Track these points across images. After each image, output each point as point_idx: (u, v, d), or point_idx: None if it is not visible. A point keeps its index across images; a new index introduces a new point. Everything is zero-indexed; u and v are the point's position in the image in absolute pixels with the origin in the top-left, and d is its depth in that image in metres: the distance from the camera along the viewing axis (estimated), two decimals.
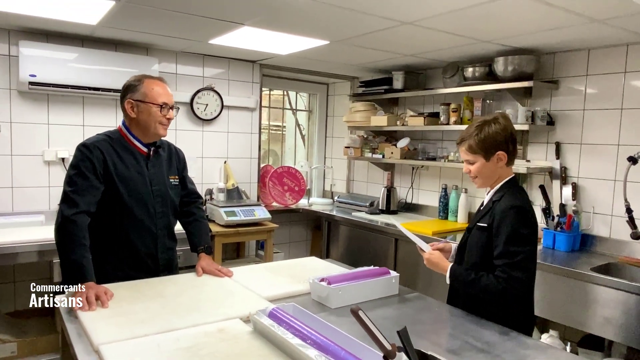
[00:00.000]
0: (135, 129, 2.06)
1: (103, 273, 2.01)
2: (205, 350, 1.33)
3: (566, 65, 3.11)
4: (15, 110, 3.16)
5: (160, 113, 2.01)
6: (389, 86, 4.02)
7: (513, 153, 1.82)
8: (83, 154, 1.95)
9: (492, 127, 1.76)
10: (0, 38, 3.07)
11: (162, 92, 2.03)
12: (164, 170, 2.16)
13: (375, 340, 1.07)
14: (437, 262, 1.85)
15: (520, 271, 1.66)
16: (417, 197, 4.18)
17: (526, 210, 1.74)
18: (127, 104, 2.02)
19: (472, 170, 1.83)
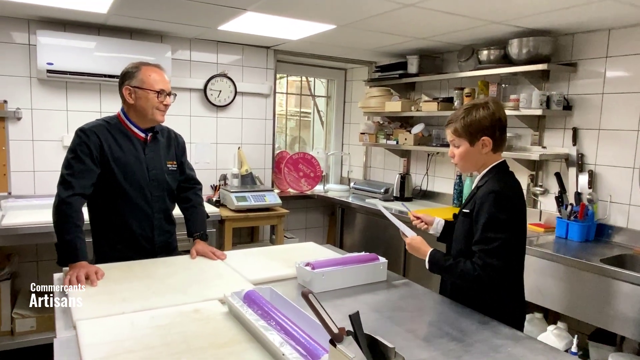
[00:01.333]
0: (133, 115, 2.11)
1: (101, 253, 2.10)
2: (176, 329, 1.37)
3: (585, 46, 2.96)
4: (36, 97, 3.30)
5: (157, 99, 2.05)
6: (404, 71, 3.94)
7: (500, 140, 1.75)
8: (80, 138, 2.01)
9: (479, 112, 1.71)
10: (20, 27, 3.20)
11: (159, 78, 2.06)
12: (161, 155, 2.20)
13: (324, 324, 1.07)
14: (418, 247, 1.82)
15: (496, 258, 1.60)
16: (432, 184, 4.10)
17: (505, 195, 1.67)
18: (125, 90, 2.06)
19: (456, 153, 1.78)
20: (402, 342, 1.39)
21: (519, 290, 1.80)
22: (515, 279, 1.79)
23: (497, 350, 1.35)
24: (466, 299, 1.72)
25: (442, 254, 1.77)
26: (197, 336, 1.33)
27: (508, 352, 1.35)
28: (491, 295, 1.69)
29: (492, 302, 1.70)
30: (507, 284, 1.73)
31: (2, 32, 3.16)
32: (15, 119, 3.24)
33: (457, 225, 1.85)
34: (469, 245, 1.71)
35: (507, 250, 1.63)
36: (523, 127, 3.29)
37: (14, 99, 3.23)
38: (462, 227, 1.78)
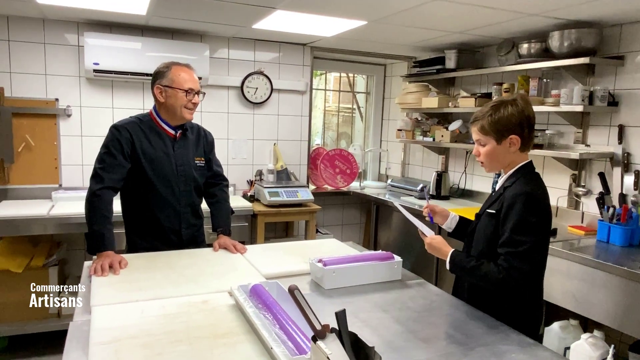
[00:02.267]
0: (164, 113, 2.20)
1: (132, 243, 2.22)
2: (181, 318, 1.43)
3: (634, 38, 2.76)
4: (84, 95, 3.52)
5: (185, 98, 2.13)
6: (442, 66, 3.85)
7: (528, 139, 1.69)
8: (113, 134, 2.13)
9: (508, 109, 1.64)
10: (70, 30, 3.42)
11: (188, 78, 2.14)
12: (189, 152, 2.28)
13: (307, 320, 1.08)
14: (439, 247, 1.77)
15: (523, 262, 1.55)
16: (470, 182, 3.99)
17: (536, 197, 1.61)
18: (156, 90, 2.16)
19: (482, 152, 1.72)
20: (401, 342, 1.37)
21: (538, 294, 1.73)
22: (536, 284, 1.72)
23: (500, 356, 1.31)
24: (483, 301, 1.67)
25: (464, 255, 1.73)
26: (198, 326, 1.38)
27: (511, 358, 1.30)
28: (512, 298, 1.64)
29: (509, 305, 1.65)
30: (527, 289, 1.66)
31: (54, 34, 3.39)
32: (66, 116, 3.47)
33: (479, 226, 1.78)
34: (492, 246, 1.66)
35: (535, 254, 1.58)
36: (565, 124, 3.13)
37: (64, 97, 3.46)
38: (485, 228, 1.72)
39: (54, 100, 3.44)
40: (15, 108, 3.32)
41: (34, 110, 3.39)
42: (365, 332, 1.42)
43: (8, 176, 3.37)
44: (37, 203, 3.30)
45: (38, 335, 3.07)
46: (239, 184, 4.04)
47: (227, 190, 2.48)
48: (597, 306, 2.36)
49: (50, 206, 3.22)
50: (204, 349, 1.25)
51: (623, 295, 2.24)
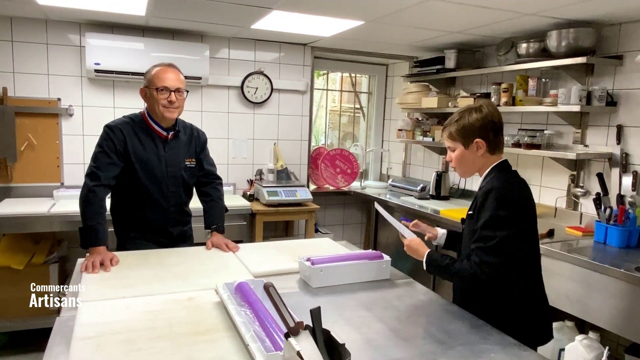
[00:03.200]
0: (152, 113, 2.22)
1: (122, 241, 2.26)
2: (165, 315, 1.45)
3: (633, 37, 2.74)
4: (86, 95, 3.56)
5: (160, 96, 2.14)
6: (442, 65, 3.84)
7: (495, 142, 1.72)
8: (107, 134, 2.16)
9: (472, 115, 1.70)
10: (72, 30, 3.47)
11: (164, 76, 2.15)
12: (180, 153, 2.31)
13: (281, 317, 1.09)
14: (416, 248, 1.81)
15: (493, 255, 1.56)
16: (470, 183, 3.98)
17: (506, 192, 1.62)
18: (141, 92, 2.21)
19: (453, 158, 1.77)
20: (381, 340, 1.38)
21: (540, 295, 1.74)
22: (534, 283, 1.73)
23: (479, 356, 1.31)
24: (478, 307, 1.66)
25: (439, 255, 1.75)
26: (181, 322, 1.40)
27: (490, 358, 1.30)
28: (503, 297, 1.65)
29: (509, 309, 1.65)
30: (526, 290, 1.67)
31: (56, 35, 3.43)
32: (68, 115, 3.52)
33: (464, 229, 1.82)
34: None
35: (507, 247, 1.58)
36: (564, 125, 3.11)
37: (66, 96, 3.51)
38: (467, 230, 1.76)
39: (56, 100, 3.49)
40: (18, 107, 3.37)
41: (37, 109, 3.44)
42: (347, 330, 1.43)
43: (11, 174, 3.43)
44: (39, 201, 3.35)
45: (38, 331, 3.11)
46: (239, 184, 4.07)
47: (220, 189, 2.50)
48: (593, 308, 2.34)
49: (52, 204, 3.27)
50: (184, 345, 1.27)
51: (619, 298, 2.22)
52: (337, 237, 4.63)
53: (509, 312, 1.65)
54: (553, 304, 2.46)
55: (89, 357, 1.19)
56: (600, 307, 2.30)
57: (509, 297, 1.66)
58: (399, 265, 2.10)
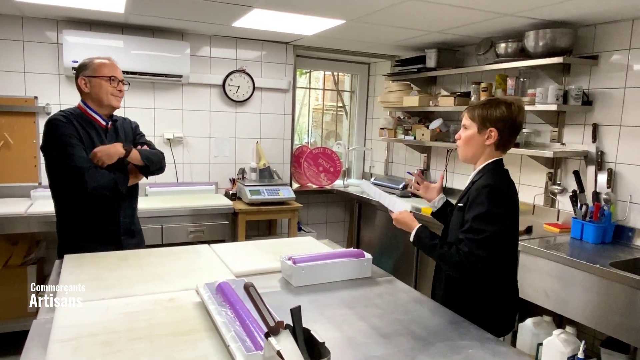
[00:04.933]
0: (92, 103, 2.23)
1: (67, 243, 2.24)
2: (145, 316, 1.44)
3: (607, 38, 2.80)
4: (64, 93, 3.50)
5: (110, 85, 2.18)
6: (423, 65, 3.87)
7: (507, 140, 1.77)
8: (62, 124, 2.11)
9: (500, 107, 1.73)
10: (49, 27, 3.40)
11: (110, 67, 2.21)
12: (121, 142, 2.28)
13: (261, 317, 1.09)
14: (405, 221, 1.84)
15: (482, 249, 1.61)
16: (451, 180, 4.02)
17: (500, 189, 1.69)
18: (80, 81, 2.20)
19: (463, 136, 1.81)
20: (361, 338, 1.39)
21: (512, 289, 1.80)
22: (508, 277, 1.78)
23: (457, 352, 1.33)
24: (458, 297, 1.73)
25: (430, 232, 1.78)
26: (161, 323, 1.39)
27: (468, 353, 1.33)
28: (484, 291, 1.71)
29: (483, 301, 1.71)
30: (500, 282, 1.73)
31: (33, 32, 3.36)
32: (45, 114, 3.45)
33: (452, 219, 1.85)
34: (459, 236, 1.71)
35: (494, 243, 1.64)
36: (542, 123, 3.17)
37: (43, 95, 3.44)
38: (456, 221, 1.79)
39: (33, 98, 3.42)
40: None
41: (13, 108, 3.37)
42: (328, 328, 1.44)
43: None
44: (15, 201, 3.29)
45: (15, 334, 3.05)
46: (221, 183, 4.05)
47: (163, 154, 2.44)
48: (570, 303, 2.39)
49: (29, 204, 3.21)
50: (164, 346, 1.26)
51: (595, 293, 2.27)
52: (320, 236, 4.65)
53: (484, 304, 1.71)
54: (531, 300, 2.53)
55: (67, 359, 1.18)
56: (576, 302, 2.35)
57: (486, 289, 1.72)
58: (381, 263, 2.12)
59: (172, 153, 3.82)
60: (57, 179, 2.21)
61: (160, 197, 3.67)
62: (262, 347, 1.19)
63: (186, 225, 3.40)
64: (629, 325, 2.13)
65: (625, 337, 2.18)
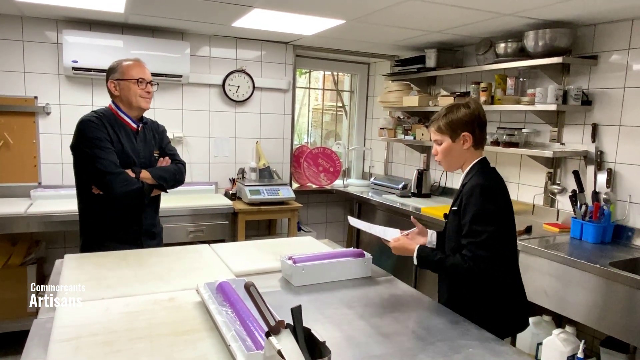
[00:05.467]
0: (122, 106, 2.25)
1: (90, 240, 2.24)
2: (145, 315, 1.44)
3: (607, 38, 2.81)
4: (63, 93, 3.50)
5: (138, 87, 2.20)
6: (422, 65, 3.87)
7: (480, 137, 1.79)
8: (93, 124, 2.14)
9: (461, 110, 1.76)
10: (49, 27, 3.40)
11: (138, 69, 2.23)
12: (149, 144, 2.33)
13: (262, 316, 1.09)
14: (403, 247, 1.83)
15: (485, 250, 1.62)
16: (450, 180, 4.03)
17: (491, 187, 1.70)
18: (110, 85, 2.23)
19: (439, 150, 1.82)
20: (362, 337, 1.39)
21: (517, 287, 1.80)
22: (512, 276, 1.78)
23: (457, 351, 1.33)
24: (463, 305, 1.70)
25: (430, 249, 1.79)
26: (161, 323, 1.39)
27: (468, 353, 1.33)
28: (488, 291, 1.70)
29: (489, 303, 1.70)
30: (504, 281, 1.72)
31: (33, 32, 3.36)
32: (45, 114, 3.46)
33: (447, 225, 1.86)
34: (460, 242, 1.71)
35: (496, 241, 1.65)
36: (541, 123, 3.17)
37: (43, 95, 3.44)
38: (452, 225, 1.79)
39: (32, 98, 3.42)
40: None
41: (13, 108, 3.37)
42: (328, 328, 1.44)
43: None
44: (15, 201, 3.28)
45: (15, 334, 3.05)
46: (221, 183, 4.05)
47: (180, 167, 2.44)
48: (570, 303, 2.40)
49: (29, 204, 3.21)
50: (164, 346, 1.26)
51: (594, 292, 2.28)
52: (320, 236, 4.64)
53: (494, 304, 1.71)
54: (531, 299, 2.51)
55: (67, 359, 1.18)
56: (576, 302, 2.36)
57: (490, 290, 1.71)
58: (381, 263, 2.12)
59: None
60: (84, 179, 2.20)
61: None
62: (263, 346, 1.19)
63: (186, 225, 3.40)
64: (629, 325, 2.13)
65: (624, 337, 2.19)
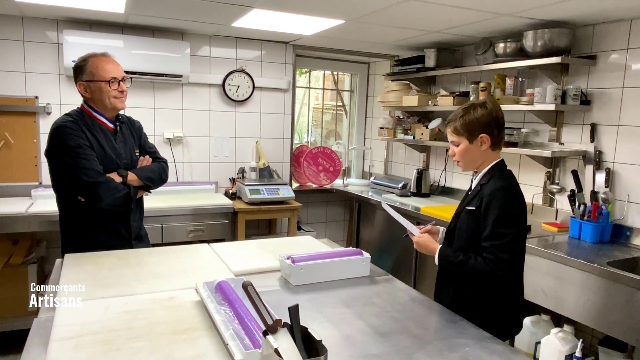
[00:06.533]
0: (96, 107, 2.12)
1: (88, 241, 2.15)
2: (144, 314, 1.45)
3: (606, 38, 2.81)
4: (64, 93, 3.51)
5: (110, 88, 2.07)
6: (422, 64, 3.88)
7: (498, 138, 1.78)
8: (71, 130, 2.00)
9: (477, 111, 1.75)
10: (50, 27, 3.42)
11: (108, 67, 2.08)
12: (128, 143, 2.24)
13: (260, 315, 1.10)
14: (426, 244, 1.86)
15: (507, 253, 1.63)
16: (450, 180, 4.03)
17: (514, 191, 1.72)
18: (79, 87, 2.10)
19: (457, 152, 1.82)
20: (359, 336, 1.40)
21: (518, 290, 1.81)
22: (517, 278, 1.79)
23: (454, 350, 1.35)
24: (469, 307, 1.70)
25: (450, 250, 1.80)
26: (160, 322, 1.40)
27: (464, 351, 1.34)
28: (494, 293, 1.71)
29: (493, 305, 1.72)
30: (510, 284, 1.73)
31: (33, 32, 3.38)
32: (46, 114, 3.47)
33: (459, 223, 1.83)
34: (472, 242, 1.73)
35: (517, 244, 1.67)
36: (540, 123, 3.18)
37: (44, 94, 3.46)
38: (466, 225, 1.78)
39: (33, 97, 3.43)
40: None
41: (13, 108, 3.38)
42: (326, 327, 1.45)
43: None
44: (16, 201, 3.30)
45: (16, 332, 3.07)
46: (221, 182, 4.06)
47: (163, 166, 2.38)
48: (568, 302, 2.40)
49: (30, 204, 3.22)
50: (163, 344, 1.27)
51: (593, 292, 2.28)
52: (320, 235, 4.65)
53: (496, 308, 1.72)
54: (529, 299, 2.53)
55: (67, 357, 1.19)
56: (574, 301, 2.36)
57: (496, 292, 1.72)
58: (380, 262, 2.13)
59: (172, 152, 3.84)
60: (65, 185, 2.08)
61: (160, 197, 3.67)
62: (261, 345, 1.21)
63: (186, 224, 3.42)
64: (627, 324, 2.14)
65: (622, 336, 2.20)
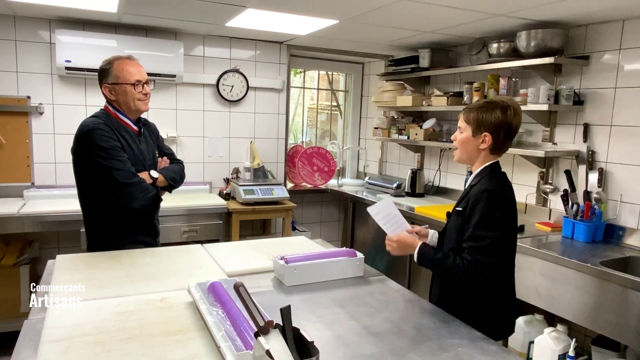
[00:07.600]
0: (121, 108, 2.15)
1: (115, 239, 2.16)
2: (136, 315, 1.44)
3: (598, 38, 2.83)
4: (57, 93, 3.49)
5: (135, 90, 2.10)
6: (416, 64, 3.89)
7: (501, 143, 1.75)
8: (103, 132, 2.02)
9: (495, 112, 1.70)
10: (42, 27, 3.39)
11: (133, 70, 2.11)
12: (150, 145, 2.29)
13: (251, 316, 1.10)
14: (405, 242, 1.83)
15: (486, 255, 1.61)
16: (444, 180, 4.04)
17: (499, 194, 1.68)
18: (104, 89, 2.12)
19: (458, 138, 1.80)
20: (352, 337, 1.40)
21: (509, 291, 1.79)
22: (506, 279, 1.78)
23: (446, 350, 1.35)
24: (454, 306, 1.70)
25: (431, 247, 1.79)
26: (152, 323, 1.39)
27: (457, 352, 1.34)
28: (480, 294, 1.70)
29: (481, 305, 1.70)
30: (497, 285, 1.72)
31: (25, 32, 3.35)
32: (38, 114, 3.45)
33: (449, 223, 1.84)
34: (461, 242, 1.71)
35: (497, 248, 1.64)
36: (534, 123, 3.19)
37: (36, 94, 3.43)
38: (454, 225, 1.78)
39: (25, 97, 3.41)
40: None
41: (5, 108, 3.36)
42: (319, 327, 1.45)
43: None
44: (8, 201, 3.28)
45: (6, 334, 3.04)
46: (215, 182, 4.05)
47: (182, 166, 2.44)
48: (561, 301, 2.41)
49: (22, 204, 3.20)
50: (155, 345, 1.26)
51: (586, 291, 2.29)
52: (315, 235, 4.66)
53: (484, 308, 1.71)
54: (523, 298, 2.54)
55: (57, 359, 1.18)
56: (568, 301, 2.37)
57: (483, 293, 1.71)
58: (375, 263, 2.13)
59: None
60: (98, 186, 2.08)
61: None
62: (252, 346, 1.20)
63: (180, 225, 3.40)
64: (619, 324, 2.15)
65: (615, 335, 2.20)
